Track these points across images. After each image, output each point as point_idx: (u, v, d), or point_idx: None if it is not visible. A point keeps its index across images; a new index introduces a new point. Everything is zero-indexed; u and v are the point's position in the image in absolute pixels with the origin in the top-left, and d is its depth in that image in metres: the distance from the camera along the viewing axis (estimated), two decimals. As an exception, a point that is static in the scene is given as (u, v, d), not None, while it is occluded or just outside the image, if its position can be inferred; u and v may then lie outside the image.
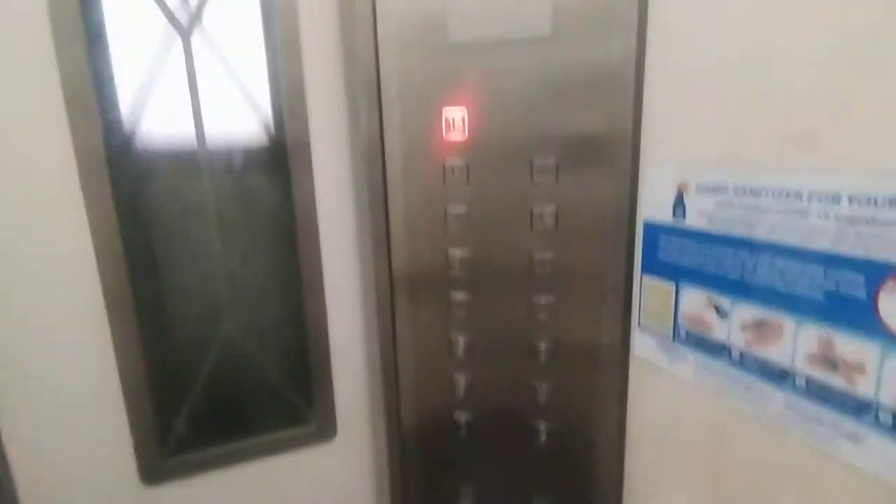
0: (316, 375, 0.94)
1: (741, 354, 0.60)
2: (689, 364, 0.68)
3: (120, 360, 0.80)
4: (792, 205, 0.53)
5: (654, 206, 0.70)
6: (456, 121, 0.77)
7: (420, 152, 0.79)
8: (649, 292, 0.72)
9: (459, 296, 0.83)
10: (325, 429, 0.96)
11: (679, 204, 0.66)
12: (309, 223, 0.88)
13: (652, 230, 0.71)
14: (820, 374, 0.53)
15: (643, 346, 0.75)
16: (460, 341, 0.85)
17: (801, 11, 0.51)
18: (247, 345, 0.91)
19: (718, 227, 0.61)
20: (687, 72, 0.63)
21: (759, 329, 0.58)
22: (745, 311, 0.59)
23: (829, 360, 0.52)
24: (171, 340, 0.89)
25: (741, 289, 0.59)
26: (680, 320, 0.68)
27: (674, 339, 0.69)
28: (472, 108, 0.76)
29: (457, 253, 0.81)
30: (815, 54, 0.50)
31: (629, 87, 0.70)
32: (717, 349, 0.63)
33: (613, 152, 0.72)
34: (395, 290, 0.85)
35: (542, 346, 0.82)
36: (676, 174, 0.66)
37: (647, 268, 0.72)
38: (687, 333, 0.67)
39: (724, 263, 0.61)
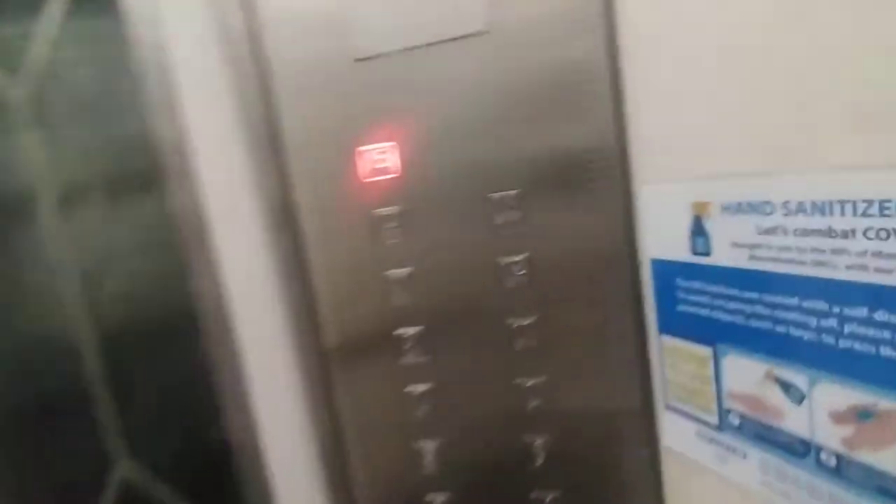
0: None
1: (838, 459, 0.38)
2: (752, 466, 0.45)
3: None
4: (890, 223, 0.32)
5: (661, 239, 0.49)
6: (381, 158, 0.58)
7: (340, 205, 0.60)
8: (674, 359, 0.51)
9: (419, 387, 0.62)
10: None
11: (698, 233, 0.46)
12: (217, 318, 0.67)
13: (663, 272, 0.50)
14: None
15: (676, 435, 0.53)
16: (427, 448, 0.63)
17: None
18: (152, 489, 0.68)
19: (767, 264, 0.40)
20: (682, 61, 0.44)
21: (864, 421, 0.36)
22: (833, 392, 0.38)
23: None
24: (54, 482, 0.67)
25: (821, 356, 0.38)
26: (727, 400, 0.47)
27: (721, 426, 0.48)
28: (400, 139, 0.57)
29: (407, 331, 0.61)
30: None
31: (604, 94, 0.51)
32: (795, 448, 0.41)
33: (595, 175, 0.53)
34: (333, 381, 0.64)
35: (538, 442, 0.60)
36: (687, 192, 0.46)
37: (666, 325, 0.51)
38: (741, 420, 0.46)
39: (787, 318, 0.40)
